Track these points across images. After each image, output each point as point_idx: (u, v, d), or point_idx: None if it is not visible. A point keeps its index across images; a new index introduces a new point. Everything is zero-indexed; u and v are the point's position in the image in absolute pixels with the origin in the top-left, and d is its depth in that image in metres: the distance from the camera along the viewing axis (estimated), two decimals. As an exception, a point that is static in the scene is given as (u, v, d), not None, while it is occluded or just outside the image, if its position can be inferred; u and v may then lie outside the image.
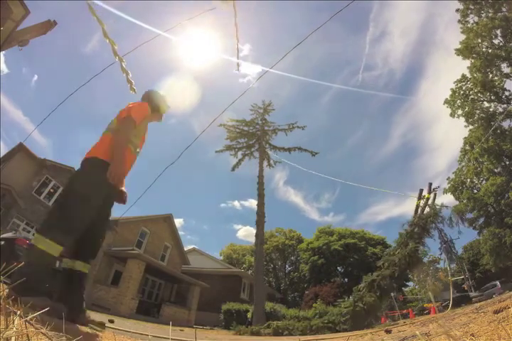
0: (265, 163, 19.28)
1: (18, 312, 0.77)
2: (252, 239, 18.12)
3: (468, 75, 21.58)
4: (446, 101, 23.36)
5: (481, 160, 23.97)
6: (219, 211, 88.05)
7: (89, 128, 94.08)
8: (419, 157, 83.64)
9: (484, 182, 24.99)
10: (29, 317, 0.76)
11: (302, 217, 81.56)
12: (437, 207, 7.75)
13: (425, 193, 8.07)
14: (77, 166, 2.16)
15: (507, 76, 20.32)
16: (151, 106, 2.33)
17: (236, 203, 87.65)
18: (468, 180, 27.09)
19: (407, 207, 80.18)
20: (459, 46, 20.64)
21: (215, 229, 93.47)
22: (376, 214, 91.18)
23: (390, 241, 36.33)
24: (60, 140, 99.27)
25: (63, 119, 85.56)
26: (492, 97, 21.43)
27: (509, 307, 2.26)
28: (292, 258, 42.78)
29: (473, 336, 0.79)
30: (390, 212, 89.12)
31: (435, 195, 8.14)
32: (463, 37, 20.66)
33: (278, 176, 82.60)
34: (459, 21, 21.22)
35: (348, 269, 32.31)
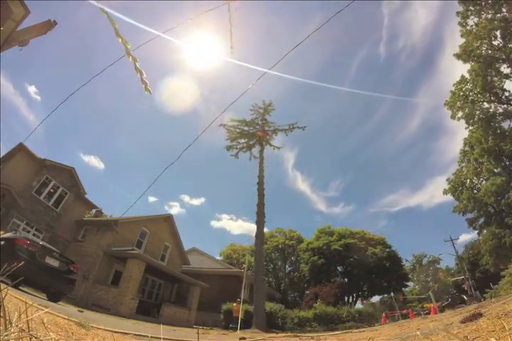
0: (266, 164, 19.31)
1: (18, 312, 0.77)
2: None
3: (468, 77, 21.54)
4: (446, 103, 23.16)
5: (480, 160, 23.93)
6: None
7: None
8: (439, 139, 79.62)
9: (484, 182, 24.99)
10: (29, 317, 0.76)
11: (309, 209, 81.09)
12: None
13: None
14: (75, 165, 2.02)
15: (506, 76, 20.28)
16: None
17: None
18: (468, 180, 27.11)
19: (422, 197, 77.09)
20: (457, 51, 20.53)
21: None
22: (389, 203, 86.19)
23: (391, 241, 36.41)
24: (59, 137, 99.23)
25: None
26: (492, 98, 21.39)
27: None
28: (292, 258, 42.76)
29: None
30: (404, 202, 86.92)
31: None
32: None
33: (286, 157, 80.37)
34: (460, 23, 21.19)
35: (348, 269, 32.29)
